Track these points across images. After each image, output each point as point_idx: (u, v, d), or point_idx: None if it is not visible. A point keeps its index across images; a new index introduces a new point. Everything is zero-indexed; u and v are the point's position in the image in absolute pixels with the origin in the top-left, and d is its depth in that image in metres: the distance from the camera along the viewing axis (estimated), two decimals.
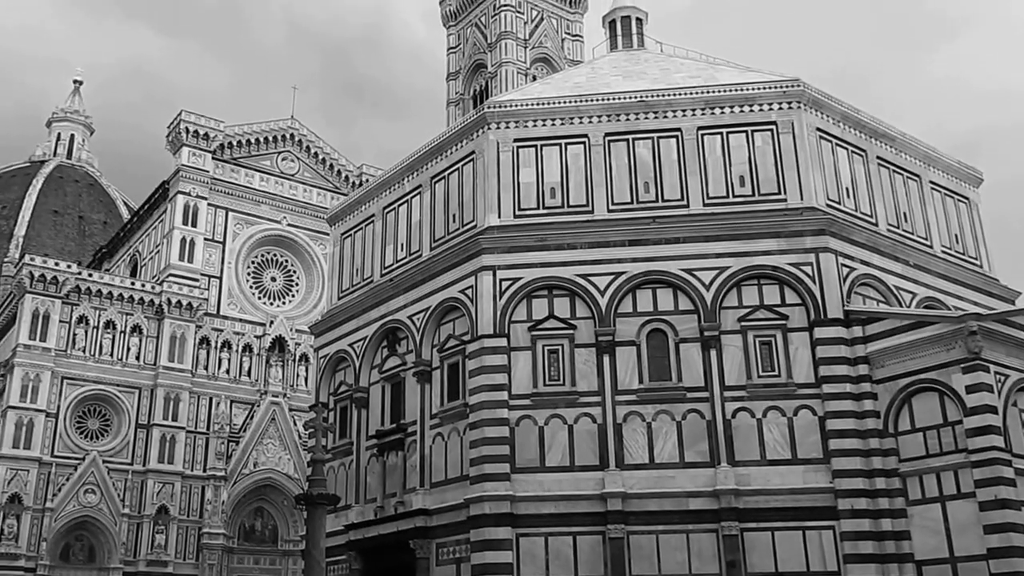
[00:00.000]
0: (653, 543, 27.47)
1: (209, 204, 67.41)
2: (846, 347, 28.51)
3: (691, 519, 27.52)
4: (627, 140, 31.89)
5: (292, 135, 73.32)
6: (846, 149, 32.75)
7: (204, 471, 60.65)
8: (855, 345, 28.56)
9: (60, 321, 59.46)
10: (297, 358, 66.29)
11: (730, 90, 31.88)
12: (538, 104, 32.79)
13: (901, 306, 30.88)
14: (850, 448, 27.45)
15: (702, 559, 27.18)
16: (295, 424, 63.02)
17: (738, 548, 27.00)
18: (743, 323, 29.23)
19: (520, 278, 30.40)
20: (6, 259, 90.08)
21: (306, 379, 65.28)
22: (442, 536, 30.17)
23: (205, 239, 66.46)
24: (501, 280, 30.52)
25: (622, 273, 29.95)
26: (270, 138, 72.34)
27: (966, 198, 37.24)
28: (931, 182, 35.77)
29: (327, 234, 49.46)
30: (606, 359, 29.32)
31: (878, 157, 33.84)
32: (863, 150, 33.36)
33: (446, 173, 34.42)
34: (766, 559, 26.94)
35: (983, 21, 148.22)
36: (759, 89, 31.77)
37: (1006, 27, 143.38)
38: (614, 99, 32.32)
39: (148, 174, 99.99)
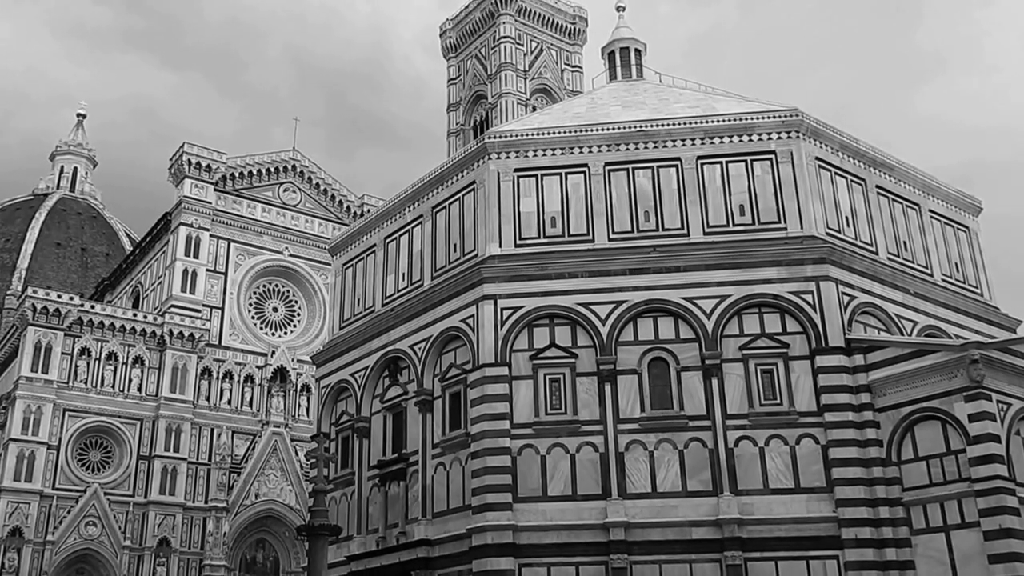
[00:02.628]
0: (656, 573, 27.30)
1: (211, 235, 67.62)
2: (848, 375, 28.49)
3: (694, 549, 27.36)
4: (627, 169, 32.09)
5: (294, 166, 73.70)
6: (845, 178, 32.92)
7: (206, 502, 60.32)
8: (857, 373, 28.54)
9: (62, 353, 59.44)
10: (299, 388, 66.18)
11: (729, 120, 32.11)
12: (538, 134, 33.03)
13: (902, 334, 30.90)
14: (853, 477, 27.35)
15: None
16: (297, 454, 62.79)
17: None
18: (744, 351, 29.23)
19: (521, 307, 30.47)
20: (9, 291, 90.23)
21: (308, 409, 65.12)
22: (444, 566, 29.98)
23: (207, 270, 66.60)
24: (502, 309, 30.58)
25: (623, 302, 30.01)
26: (272, 169, 72.72)
27: (965, 227, 37.37)
28: (930, 211, 35.92)
29: (329, 264, 49.60)
30: (608, 388, 29.30)
31: (877, 186, 34.01)
32: (862, 179, 33.54)
33: (447, 203, 34.60)
34: None
35: (961, 59, 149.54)
36: (758, 119, 32.00)
37: (982, 66, 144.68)
38: (614, 129, 32.58)
39: (150, 206, 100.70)
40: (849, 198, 32.64)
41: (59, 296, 60.89)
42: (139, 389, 61.28)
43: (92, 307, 62.82)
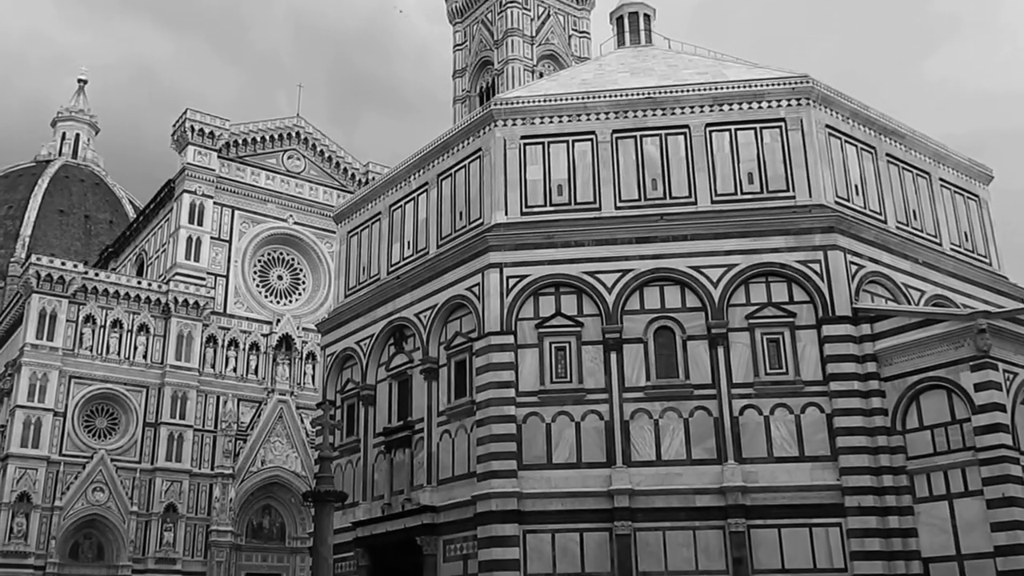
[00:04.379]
0: (660, 540, 27.45)
1: (215, 203, 67.48)
2: (854, 345, 28.45)
3: (698, 516, 27.49)
4: (635, 137, 31.86)
5: (298, 133, 73.35)
6: (855, 146, 32.66)
7: (212, 469, 60.76)
8: (863, 343, 28.50)
9: (67, 321, 59.59)
10: (304, 356, 66.36)
11: (739, 87, 31.81)
12: (545, 101, 32.77)
13: (910, 304, 30.80)
14: (858, 446, 27.40)
15: (709, 556, 27.15)
16: (302, 422, 63.11)
17: (745, 545, 26.97)
18: (751, 320, 29.18)
19: (527, 275, 30.39)
20: (12, 259, 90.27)
21: (313, 377, 65.36)
22: (449, 533, 30.19)
23: (211, 238, 66.55)
24: (508, 277, 30.51)
25: (629, 270, 29.92)
26: (276, 136, 72.38)
27: (976, 196, 37.13)
28: (941, 179, 35.66)
29: (333, 232, 49.49)
30: (613, 356, 29.30)
31: (887, 154, 33.75)
32: (872, 147, 33.27)
33: (453, 170, 34.42)
34: (773, 556, 26.92)
35: (976, 20, 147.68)
36: (768, 86, 31.69)
37: (996, 30, 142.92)
38: (622, 96, 32.28)
39: (154, 173, 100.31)
40: (859, 166, 32.40)
41: (63, 264, 60.93)
42: (144, 357, 61.48)
43: (96, 275, 62.91)
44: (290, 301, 69.72)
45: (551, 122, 32.42)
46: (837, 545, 26.75)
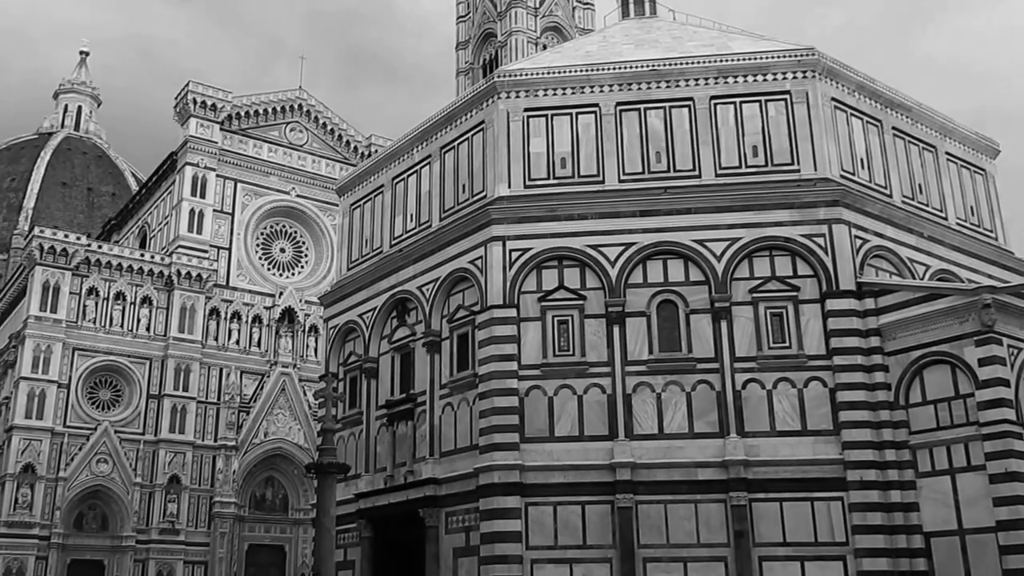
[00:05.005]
0: (661, 513, 27.51)
1: (218, 175, 67.29)
2: (858, 319, 28.35)
3: (700, 489, 27.53)
4: (639, 110, 31.60)
5: (300, 105, 72.98)
6: (861, 119, 32.39)
7: (215, 441, 61.03)
8: (867, 317, 28.39)
9: (70, 293, 59.64)
10: (307, 329, 66.43)
11: (744, 59, 31.50)
12: (549, 73, 32.49)
13: (914, 278, 30.66)
14: (860, 420, 27.37)
15: (710, 529, 27.22)
16: (305, 394, 63.30)
17: (746, 518, 27.04)
18: (754, 294, 29.07)
19: (530, 248, 30.28)
20: (16, 231, 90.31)
21: (316, 350, 65.47)
22: (451, 505, 30.29)
23: (214, 210, 66.43)
24: (511, 250, 30.40)
25: (633, 244, 29.79)
26: (278, 109, 72.04)
27: (982, 170, 36.86)
28: (947, 153, 35.39)
29: (336, 205, 49.34)
30: (616, 330, 29.24)
31: (893, 127, 33.47)
32: (878, 120, 32.99)
33: (456, 143, 34.21)
34: (774, 529, 26.98)
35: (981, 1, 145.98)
36: (773, 58, 31.38)
37: (1002, 6, 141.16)
38: (626, 68, 32.00)
39: (156, 146, 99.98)
40: (864, 140, 32.14)
41: (66, 236, 60.90)
42: (147, 329, 61.57)
43: (99, 247, 62.90)
44: (293, 274, 69.68)
45: (555, 94, 32.17)
46: (839, 519, 26.80)
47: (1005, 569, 24.49)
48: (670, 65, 31.79)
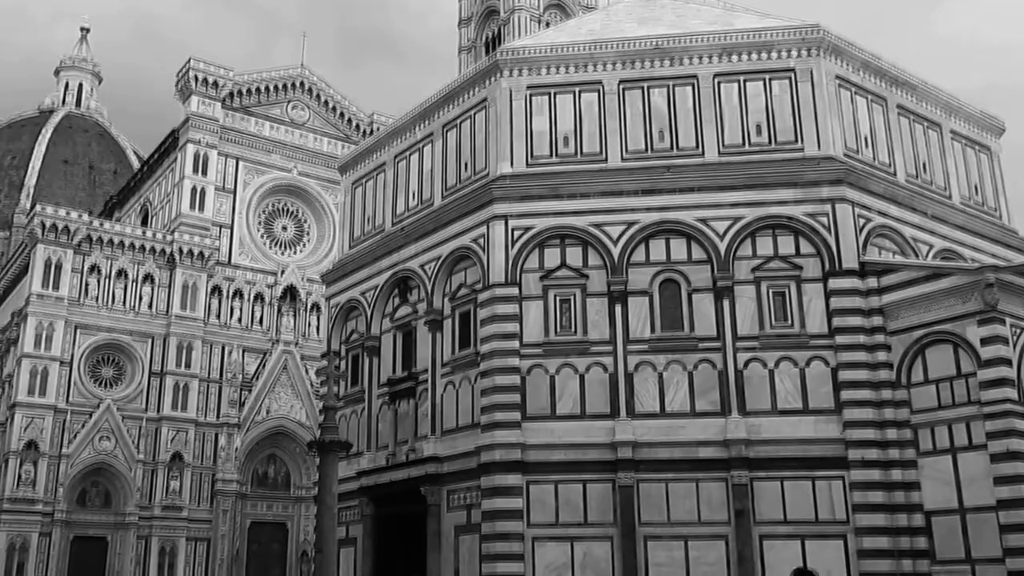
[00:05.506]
0: (663, 491, 27.57)
1: (219, 153, 67.13)
2: (860, 298, 28.29)
3: (701, 468, 27.58)
4: (642, 87, 31.41)
5: (302, 83, 72.68)
6: (865, 97, 32.17)
7: (217, 418, 61.23)
8: (870, 296, 28.33)
9: (72, 270, 59.66)
10: (308, 307, 66.48)
11: (748, 36, 31.27)
12: (551, 50, 32.27)
13: (918, 257, 30.59)
14: (862, 399, 27.36)
15: (711, 507, 27.30)
16: (307, 372, 63.45)
17: (747, 497, 27.10)
18: (757, 273, 29.00)
19: (532, 227, 30.19)
20: (17, 209, 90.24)
21: (318, 328, 65.54)
22: (453, 483, 30.38)
23: (216, 188, 66.33)
24: (513, 229, 30.31)
25: (635, 222, 29.69)
26: (279, 86, 71.74)
27: (987, 148, 36.66)
28: (952, 131, 35.19)
29: (338, 183, 49.17)
30: (618, 309, 29.20)
31: (898, 105, 33.27)
32: (883, 98, 32.78)
33: (458, 121, 34.04)
34: (775, 508, 27.04)
35: None
36: (777, 35, 31.13)
37: None
38: (629, 45, 31.76)
39: (157, 123, 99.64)
40: (869, 118, 31.94)
41: (68, 213, 60.87)
42: (150, 306, 61.64)
43: (101, 224, 62.90)
44: (295, 252, 69.66)
45: (557, 72, 31.97)
46: (839, 498, 26.85)
47: (1005, 548, 24.57)
48: (674, 42, 31.54)
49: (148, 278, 62.02)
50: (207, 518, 59.29)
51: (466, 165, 33.13)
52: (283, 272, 66.37)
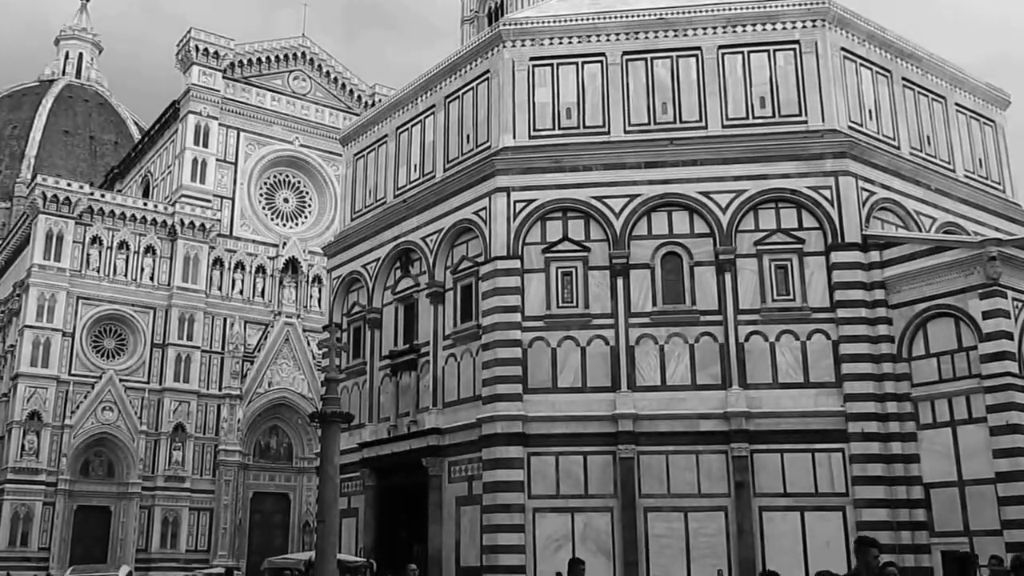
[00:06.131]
0: (663, 463, 27.72)
1: (220, 124, 66.77)
2: (863, 272, 28.28)
3: (701, 440, 27.71)
4: (645, 59, 31.21)
5: (303, 53, 72.17)
6: (871, 70, 31.97)
7: (219, 390, 61.40)
8: (872, 270, 28.33)
9: (74, 241, 59.58)
10: (310, 279, 66.47)
11: (753, 8, 31.01)
12: (555, 21, 32.03)
13: (921, 231, 30.54)
14: (863, 372, 27.44)
15: (711, 479, 27.45)
16: (309, 344, 63.52)
17: (747, 469, 27.25)
18: (759, 247, 28.97)
19: (534, 200, 30.13)
20: (18, 179, 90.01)
21: (319, 300, 65.56)
22: (454, 455, 30.53)
23: (217, 160, 66.04)
24: (515, 202, 30.25)
25: (638, 195, 29.63)
26: (281, 56, 71.24)
27: (992, 121, 36.47)
28: (957, 104, 34.99)
29: (340, 155, 49.05)
30: (620, 282, 29.21)
31: (903, 78, 33.06)
32: (888, 71, 32.57)
33: (460, 93, 33.87)
34: (775, 480, 27.20)
35: None
36: (783, 7, 30.87)
37: None
38: (633, 17, 31.53)
39: (158, 94, 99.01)
40: (873, 90, 31.76)
41: (69, 184, 60.72)
42: (151, 278, 61.61)
43: (102, 196, 62.76)
44: (296, 224, 69.53)
45: (561, 43, 31.75)
46: (839, 470, 27.00)
47: (1003, 520, 24.74)
48: (678, 14, 31.31)
49: (149, 250, 61.97)
50: (210, 488, 59.64)
51: (468, 137, 32.99)
52: (285, 244, 66.28)
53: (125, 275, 60.92)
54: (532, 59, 31.70)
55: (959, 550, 24.70)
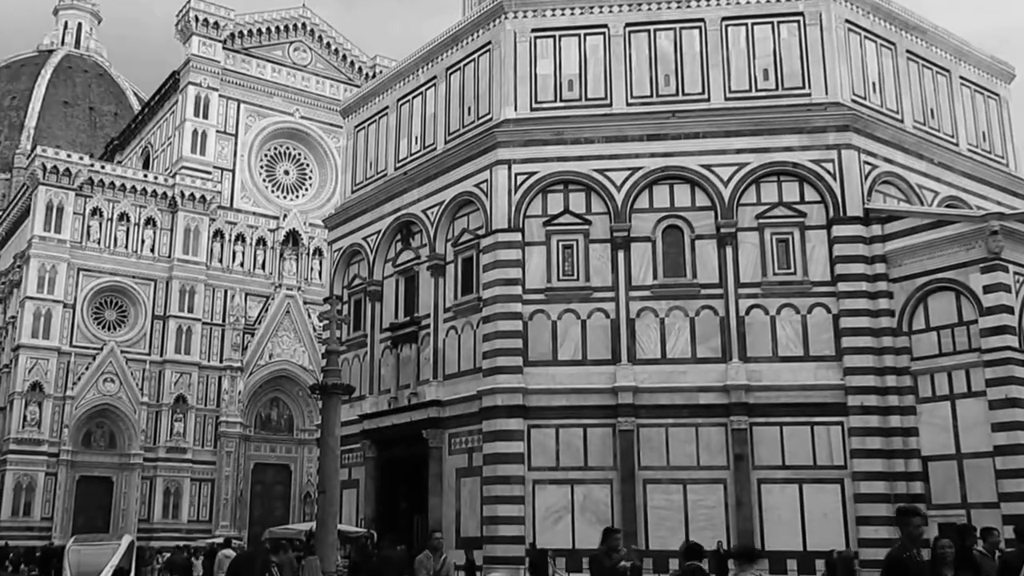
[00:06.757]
0: (663, 436, 27.84)
1: (220, 95, 66.38)
2: (864, 246, 28.24)
3: (701, 413, 27.82)
4: (648, 31, 30.98)
5: (304, 24, 71.61)
6: (875, 42, 31.74)
7: (220, 362, 61.49)
8: (873, 244, 28.28)
9: (74, 213, 59.42)
10: (311, 251, 66.37)
11: None
12: None
13: (923, 205, 30.45)
14: (863, 346, 27.48)
15: (710, 452, 27.58)
16: (309, 317, 63.53)
17: (746, 442, 27.37)
18: (760, 220, 28.91)
19: (536, 172, 30.03)
20: (18, 150, 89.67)
21: (320, 272, 65.49)
22: (454, 427, 30.65)
23: (217, 131, 65.70)
24: (516, 174, 30.16)
25: (639, 168, 29.52)
26: (281, 27, 70.69)
27: (996, 94, 36.25)
28: (961, 77, 34.77)
29: (340, 127, 48.83)
30: (621, 255, 29.17)
31: (907, 51, 32.82)
32: (892, 43, 32.33)
33: (462, 64, 33.65)
34: (774, 452, 27.33)
35: None
36: None
37: None
38: None
39: (157, 65, 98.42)
40: (877, 63, 31.55)
41: (69, 156, 60.48)
42: (152, 250, 61.52)
43: (103, 167, 62.51)
44: (297, 196, 69.33)
45: (563, 15, 31.50)
46: (838, 443, 27.12)
47: (1000, 492, 24.87)
48: None
49: (150, 221, 61.83)
50: (211, 460, 59.92)
51: (469, 109, 32.82)
52: (285, 216, 66.12)
53: (126, 247, 60.82)
54: (534, 30, 31.47)
55: (956, 522, 24.82)
